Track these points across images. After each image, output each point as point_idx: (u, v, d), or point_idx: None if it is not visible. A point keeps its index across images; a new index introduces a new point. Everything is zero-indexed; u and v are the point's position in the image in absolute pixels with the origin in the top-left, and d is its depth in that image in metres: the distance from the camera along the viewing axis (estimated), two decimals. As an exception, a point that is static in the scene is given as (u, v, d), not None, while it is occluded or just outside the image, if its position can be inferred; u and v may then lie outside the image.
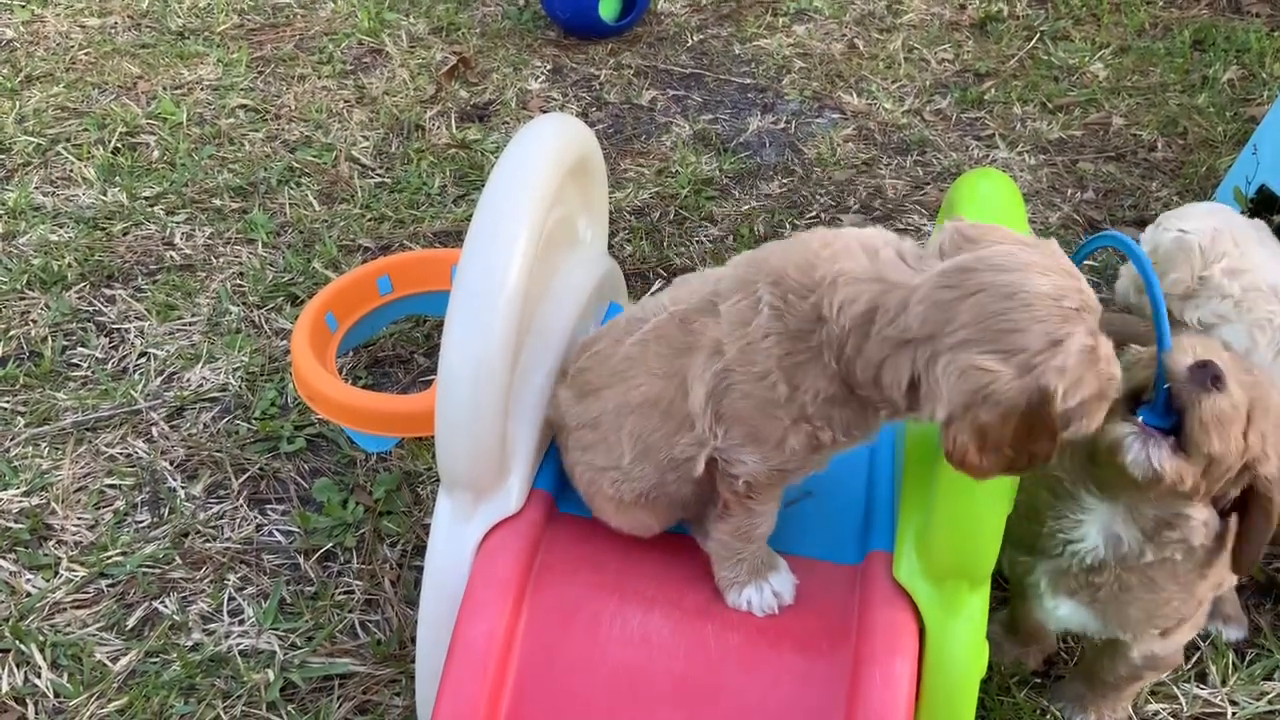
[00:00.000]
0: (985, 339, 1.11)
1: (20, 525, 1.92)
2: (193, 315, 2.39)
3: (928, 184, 2.83)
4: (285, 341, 2.30)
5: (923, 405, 1.17)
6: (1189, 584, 1.42)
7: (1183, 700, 1.68)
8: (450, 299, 1.35)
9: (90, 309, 2.40)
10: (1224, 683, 1.71)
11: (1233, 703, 1.68)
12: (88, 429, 2.12)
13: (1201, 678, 1.71)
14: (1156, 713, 1.67)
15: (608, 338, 1.44)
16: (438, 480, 1.44)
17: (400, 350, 2.29)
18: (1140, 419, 1.29)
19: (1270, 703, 1.68)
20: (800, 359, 1.23)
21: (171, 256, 2.55)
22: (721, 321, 1.28)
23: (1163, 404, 1.28)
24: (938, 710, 1.36)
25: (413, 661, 1.55)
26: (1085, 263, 2.07)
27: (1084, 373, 1.13)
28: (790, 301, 1.23)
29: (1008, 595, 1.69)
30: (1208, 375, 1.25)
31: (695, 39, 3.50)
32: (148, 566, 1.86)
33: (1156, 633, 1.49)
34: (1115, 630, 1.48)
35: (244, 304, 2.41)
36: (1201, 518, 1.35)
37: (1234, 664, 1.73)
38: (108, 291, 2.45)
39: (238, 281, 2.47)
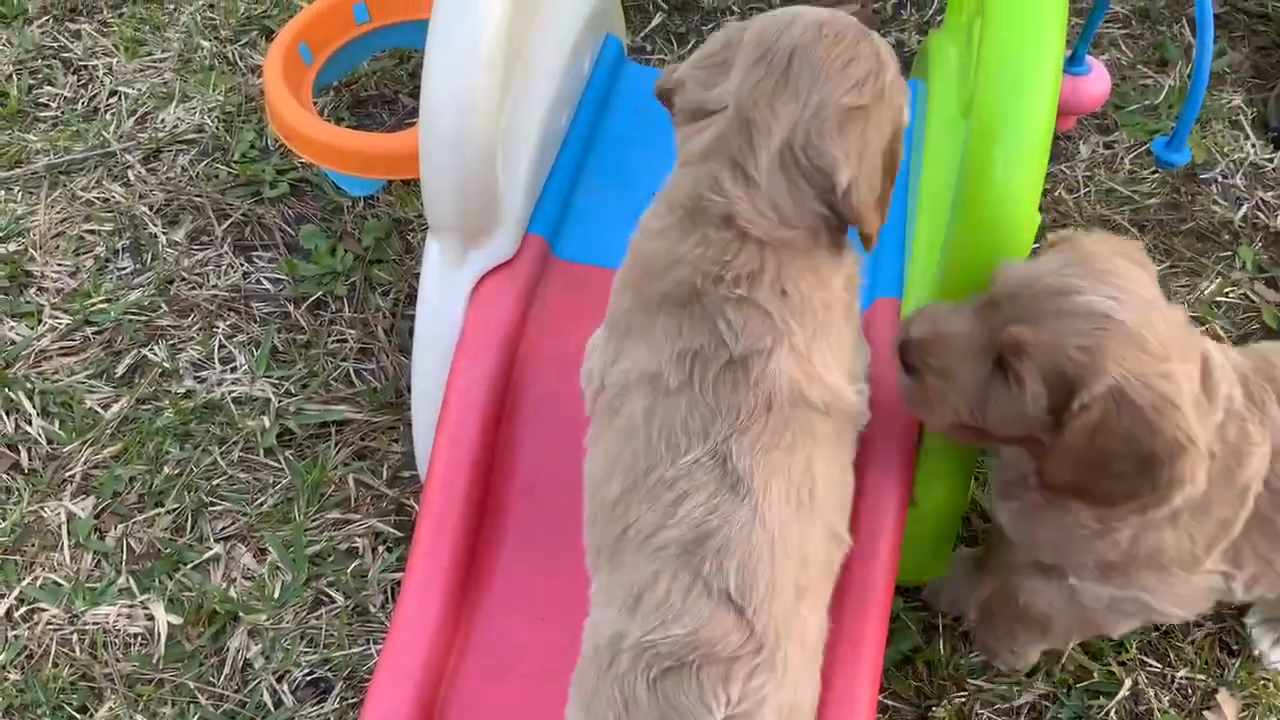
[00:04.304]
0: None
1: (-1, 272, 1.87)
2: (163, 51, 2.25)
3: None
4: (261, 79, 2.17)
5: None
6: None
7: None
8: (429, 25, 1.24)
9: (55, 44, 2.26)
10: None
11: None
12: (61, 172, 2.02)
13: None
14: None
15: None
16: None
17: (384, 90, 2.16)
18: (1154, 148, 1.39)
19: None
20: None
21: (136, -14, 2.38)
22: None
23: (1181, 139, 1.35)
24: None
25: (409, 409, 1.53)
26: None
27: None
28: None
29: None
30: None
31: None
32: (133, 314, 1.82)
33: None
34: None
35: (216, 39, 2.26)
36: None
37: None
38: (72, 25, 2.29)
39: (208, 13, 2.31)
